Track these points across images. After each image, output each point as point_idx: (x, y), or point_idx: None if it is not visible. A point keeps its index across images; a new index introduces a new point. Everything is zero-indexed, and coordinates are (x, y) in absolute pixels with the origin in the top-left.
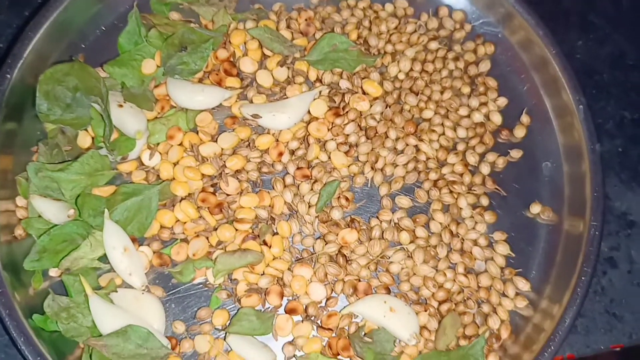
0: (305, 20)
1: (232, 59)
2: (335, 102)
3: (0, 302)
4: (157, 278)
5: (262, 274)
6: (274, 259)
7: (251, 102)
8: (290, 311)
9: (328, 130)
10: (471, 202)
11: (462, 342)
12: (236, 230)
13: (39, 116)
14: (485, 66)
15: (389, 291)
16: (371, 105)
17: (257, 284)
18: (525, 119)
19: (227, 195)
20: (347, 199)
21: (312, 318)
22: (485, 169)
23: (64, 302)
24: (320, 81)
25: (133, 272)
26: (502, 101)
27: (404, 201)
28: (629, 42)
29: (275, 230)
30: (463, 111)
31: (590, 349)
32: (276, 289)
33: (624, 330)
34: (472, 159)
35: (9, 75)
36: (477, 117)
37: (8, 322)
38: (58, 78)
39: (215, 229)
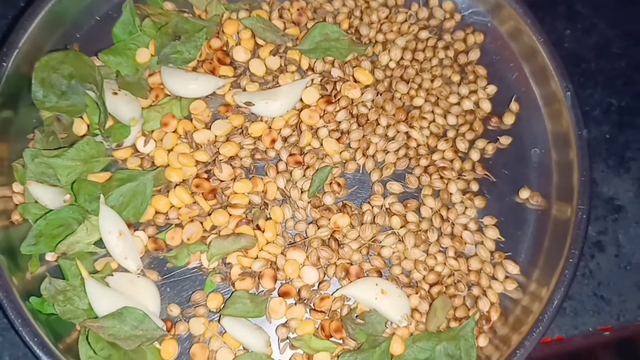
0: (298, 10)
1: (225, 48)
2: (327, 90)
3: None
4: (152, 262)
5: (255, 258)
6: (267, 243)
7: (244, 90)
8: (283, 294)
9: (320, 117)
10: (461, 187)
11: (453, 324)
12: (230, 215)
13: (34, 103)
14: (474, 55)
15: (380, 274)
16: (362, 93)
17: (250, 267)
18: (514, 106)
19: (221, 181)
20: (339, 184)
21: (305, 301)
22: (475, 155)
23: (60, 285)
24: (312, 69)
25: (128, 256)
26: (492, 89)
27: (395, 187)
28: (614, 31)
29: (268, 215)
30: (453, 99)
31: (579, 331)
32: (269, 273)
33: (611, 312)
34: (462, 146)
35: (4, 64)
36: (467, 104)
37: (6, 305)
38: (53, 66)
39: (209, 214)
